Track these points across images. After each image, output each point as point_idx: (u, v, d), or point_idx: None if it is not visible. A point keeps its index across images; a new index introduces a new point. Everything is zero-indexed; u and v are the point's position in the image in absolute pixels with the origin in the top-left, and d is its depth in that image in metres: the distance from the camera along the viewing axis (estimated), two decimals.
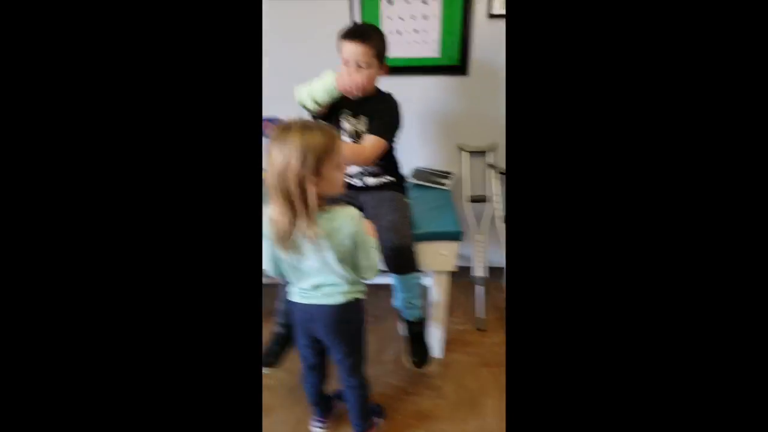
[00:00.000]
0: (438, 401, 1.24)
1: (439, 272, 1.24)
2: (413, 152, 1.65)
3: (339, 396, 1.12)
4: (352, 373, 0.98)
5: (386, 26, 1.45)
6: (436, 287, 1.27)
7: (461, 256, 1.81)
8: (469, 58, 1.47)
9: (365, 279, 0.90)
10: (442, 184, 1.49)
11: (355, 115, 1.21)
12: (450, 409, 1.22)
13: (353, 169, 1.24)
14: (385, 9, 1.43)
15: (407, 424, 1.18)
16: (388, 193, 1.21)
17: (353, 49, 1.10)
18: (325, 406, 1.13)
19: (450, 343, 1.43)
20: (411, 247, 1.10)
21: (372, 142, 1.12)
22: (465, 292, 1.75)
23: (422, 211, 1.28)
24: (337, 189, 0.83)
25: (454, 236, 1.16)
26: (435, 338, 1.34)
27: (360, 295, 0.93)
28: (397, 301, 1.16)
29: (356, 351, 0.96)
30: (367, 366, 1.03)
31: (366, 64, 1.12)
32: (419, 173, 1.58)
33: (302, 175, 0.72)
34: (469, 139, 1.62)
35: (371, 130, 1.15)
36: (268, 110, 1.65)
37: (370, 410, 1.10)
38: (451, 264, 1.21)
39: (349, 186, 1.25)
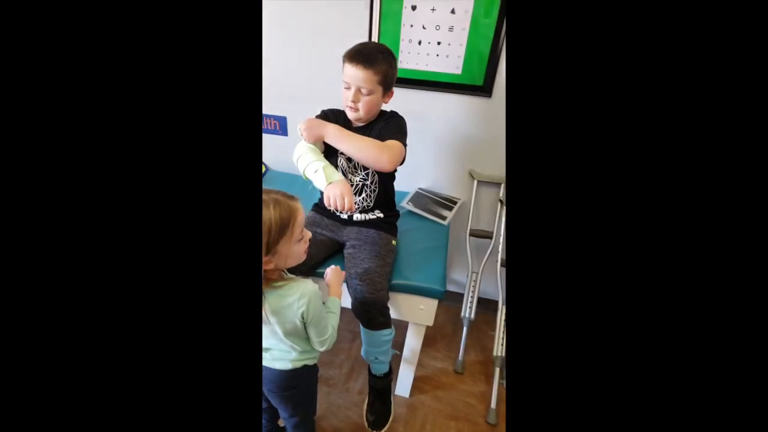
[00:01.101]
0: None
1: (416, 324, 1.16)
2: (422, 171, 1.52)
3: None
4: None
5: (405, 34, 1.28)
6: (411, 334, 1.20)
7: (455, 282, 1.72)
8: (495, 79, 1.29)
9: (318, 350, 0.84)
10: (442, 218, 1.37)
11: None
12: None
13: None
14: (406, 16, 1.25)
15: None
16: (373, 233, 1.11)
17: (356, 74, 0.97)
18: None
19: (422, 381, 1.38)
20: (383, 302, 1.01)
21: (392, 144, 0.99)
22: (454, 320, 1.68)
23: (409, 251, 1.18)
24: (297, 261, 0.76)
25: (436, 295, 1.07)
26: (405, 378, 1.29)
27: (310, 362, 0.87)
28: (363, 351, 1.10)
29: (301, 415, 0.92)
30: (321, 414, 0.99)
31: (368, 90, 0.99)
32: (419, 198, 1.45)
33: None
34: (484, 167, 1.46)
35: (385, 136, 1.01)
36: (283, 109, 1.56)
37: None
38: (429, 319, 1.12)
39: (334, 217, 1.16)
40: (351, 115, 1.05)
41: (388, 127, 1.05)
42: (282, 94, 1.52)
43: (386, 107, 1.12)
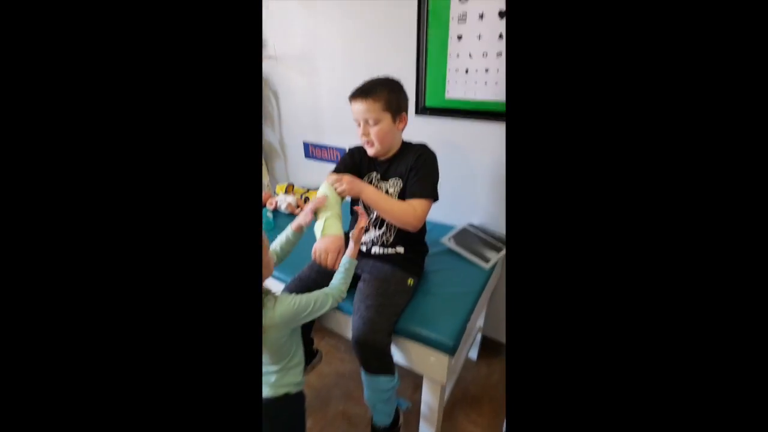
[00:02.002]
0: None
1: (429, 378, 1.03)
2: (475, 206, 1.40)
3: None
4: None
5: (452, 64, 1.23)
6: (427, 388, 1.07)
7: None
8: None
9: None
10: (485, 260, 1.22)
11: (384, 178, 1.08)
12: None
13: (366, 236, 1.13)
14: (452, 45, 1.20)
15: None
16: (387, 269, 1.05)
17: (358, 108, 1.00)
18: None
19: None
20: (380, 345, 0.93)
21: (420, 206, 1.01)
22: (499, 370, 1.44)
23: (433, 294, 1.07)
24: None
25: (445, 349, 0.93)
26: None
27: (293, 389, 0.85)
28: (365, 395, 1.02)
29: None
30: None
31: (374, 119, 1.00)
32: (465, 235, 1.33)
33: None
34: None
35: (414, 193, 1.02)
36: (343, 141, 1.66)
37: None
38: (440, 375, 0.99)
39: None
40: (369, 151, 1.06)
41: (417, 178, 1.02)
42: (343, 126, 1.61)
43: (409, 137, 1.09)
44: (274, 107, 1.80)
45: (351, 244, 0.96)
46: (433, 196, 1.03)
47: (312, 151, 1.77)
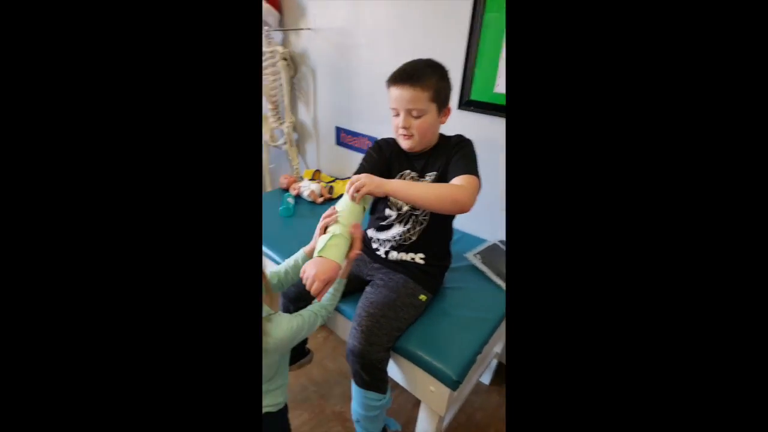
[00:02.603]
0: None
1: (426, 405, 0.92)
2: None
3: None
4: None
5: (502, 67, 1.07)
6: (423, 417, 0.96)
7: None
8: None
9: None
10: None
11: (420, 175, 0.93)
12: None
13: (387, 234, 0.99)
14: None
15: None
16: (400, 279, 0.94)
17: (402, 95, 0.83)
18: None
19: None
20: (373, 360, 0.83)
21: (467, 181, 0.81)
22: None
23: (448, 315, 0.95)
24: None
25: (447, 382, 0.81)
26: None
27: (273, 408, 0.77)
28: (352, 407, 0.93)
29: None
30: None
31: (419, 111, 0.84)
32: (493, 252, 1.18)
33: None
34: None
35: (457, 170, 0.84)
36: (363, 109, 1.53)
37: None
38: (440, 406, 0.87)
39: (369, 253, 1.03)
40: (405, 144, 0.90)
41: (457, 160, 0.86)
42: (379, 114, 1.49)
43: (446, 129, 0.94)
44: (310, 85, 1.70)
45: (344, 265, 0.83)
46: (478, 177, 0.84)
47: (343, 137, 1.67)
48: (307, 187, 1.53)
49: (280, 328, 0.74)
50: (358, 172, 0.93)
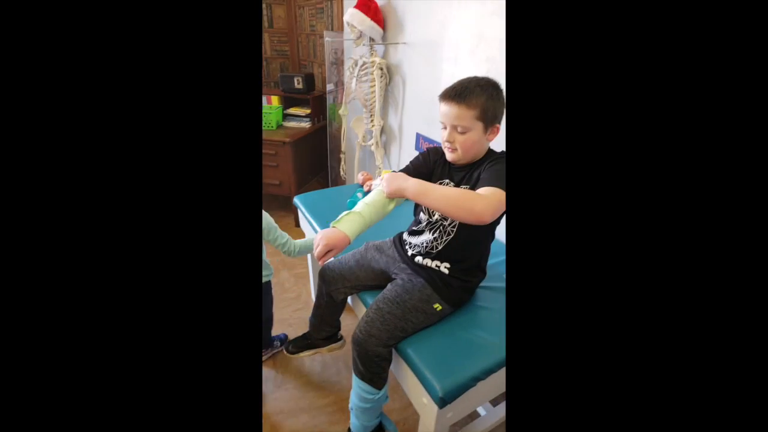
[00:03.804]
0: None
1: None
2: None
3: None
4: None
5: None
6: (423, 422, 0.95)
7: None
8: None
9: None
10: None
11: (457, 186, 0.94)
12: None
13: (417, 239, 1.02)
14: None
15: None
16: (420, 283, 0.95)
17: (448, 111, 0.86)
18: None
19: None
20: (374, 357, 0.86)
21: (491, 192, 0.79)
22: None
23: (464, 330, 0.92)
24: None
25: (433, 396, 0.79)
26: None
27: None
28: (351, 395, 0.97)
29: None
30: None
31: (464, 128, 0.86)
32: None
33: None
34: None
35: (483, 181, 0.84)
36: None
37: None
38: (428, 422, 0.85)
39: (399, 252, 1.06)
40: (449, 156, 0.93)
41: (488, 173, 0.85)
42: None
43: (495, 145, 0.92)
44: (401, 92, 1.80)
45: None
46: (504, 190, 0.79)
47: (422, 143, 1.72)
48: (378, 185, 1.63)
49: (266, 220, 1.10)
50: (404, 170, 1.00)
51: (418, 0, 1.54)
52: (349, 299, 1.16)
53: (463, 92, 0.82)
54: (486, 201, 0.77)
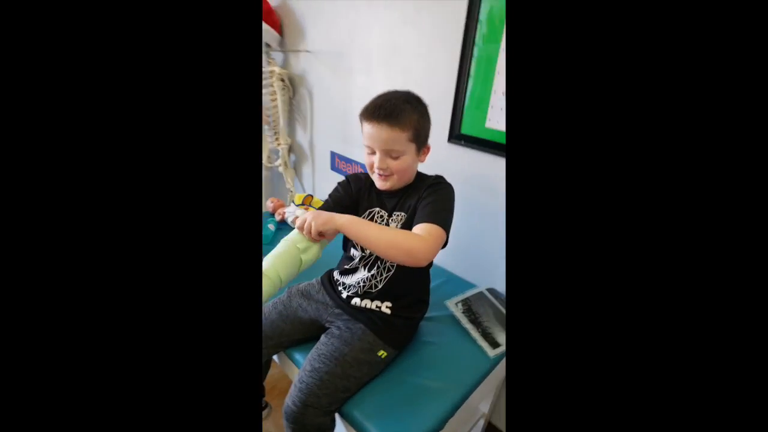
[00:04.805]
0: None
1: None
2: (503, 265, 1.12)
3: None
4: None
5: (498, 86, 0.97)
6: None
7: None
8: None
9: None
10: (492, 344, 0.93)
11: (389, 213, 0.84)
12: None
13: (352, 278, 0.89)
14: (501, 64, 0.94)
15: None
16: (359, 329, 0.82)
17: (379, 135, 0.74)
18: None
19: None
20: (306, 425, 0.72)
21: (429, 230, 0.72)
22: None
23: (411, 375, 0.83)
24: None
25: None
26: None
27: None
28: None
29: None
30: None
31: (398, 152, 0.76)
32: (478, 303, 1.05)
33: None
34: None
35: (421, 218, 0.75)
36: (357, 135, 1.44)
37: None
38: None
39: (331, 295, 0.92)
40: (381, 185, 0.82)
41: (426, 206, 0.77)
42: None
43: (437, 167, 0.86)
44: (308, 106, 1.66)
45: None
46: (445, 228, 0.74)
47: (338, 163, 1.60)
48: (293, 213, 1.45)
49: None
50: (323, 207, 0.85)
51: (318, 1, 1.42)
52: (275, 357, 0.97)
53: (393, 111, 0.73)
54: (425, 244, 0.71)
